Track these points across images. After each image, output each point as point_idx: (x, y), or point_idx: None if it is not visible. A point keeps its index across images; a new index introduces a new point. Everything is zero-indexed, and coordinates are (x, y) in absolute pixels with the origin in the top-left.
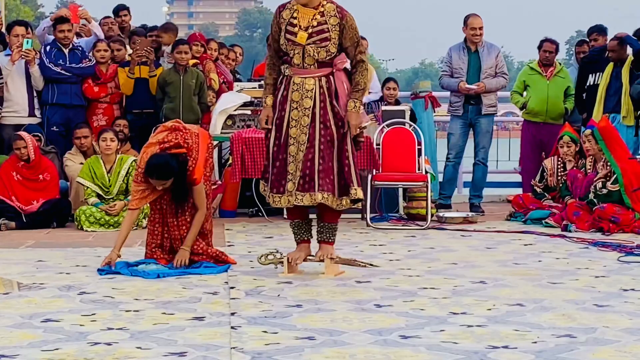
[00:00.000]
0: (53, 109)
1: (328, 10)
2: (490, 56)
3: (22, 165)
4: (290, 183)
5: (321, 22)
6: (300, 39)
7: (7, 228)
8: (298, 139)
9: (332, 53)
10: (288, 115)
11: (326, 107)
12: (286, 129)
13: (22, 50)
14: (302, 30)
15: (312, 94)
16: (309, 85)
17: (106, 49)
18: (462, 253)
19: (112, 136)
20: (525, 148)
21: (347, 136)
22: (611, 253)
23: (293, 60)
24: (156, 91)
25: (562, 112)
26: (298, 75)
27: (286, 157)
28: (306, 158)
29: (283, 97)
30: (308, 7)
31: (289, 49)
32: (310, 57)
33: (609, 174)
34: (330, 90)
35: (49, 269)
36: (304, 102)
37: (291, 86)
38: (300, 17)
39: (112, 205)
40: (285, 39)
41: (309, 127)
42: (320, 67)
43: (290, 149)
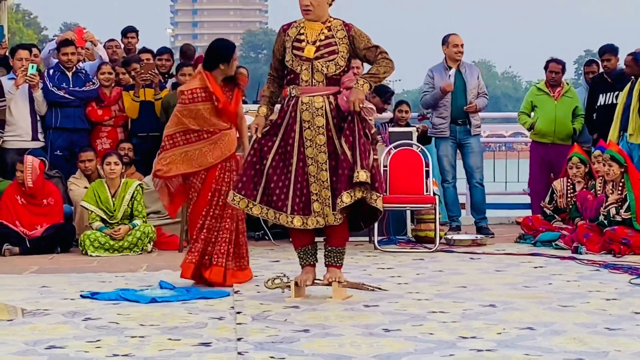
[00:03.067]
0: (57, 132)
1: (335, 25)
2: (473, 76)
3: (25, 190)
4: (317, 203)
5: (328, 35)
6: (307, 52)
7: (11, 253)
8: (317, 158)
9: (341, 67)
10: (299, 136)
11: (339, 123)
12: (299, 149)
13: (26, 74)
14: (309, 45)
15: (323, 112)
16: (318, 103)
17: (110, 71)
18: (472, 276)
19: (116, 160)
20: (534, 169)
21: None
22: (622, 275)
23: (301, 77)
24: (160, 114)
25: (570, 132)
26: (306, 94)
27: (306, 178)
28: (332, 176)
29: (292, 117)
30: (315, 23)
31: (296, 66)
32: (319, 72)
33: (620, 199)
34: (338, 106)
35: (53, 295)
36: (315, 120)
37: (299, 106)
38: (307, 32)
39: (116, 230)
40: (292, 55)
41: (327, 146)
42: (328, 85)
43: (309, 169)
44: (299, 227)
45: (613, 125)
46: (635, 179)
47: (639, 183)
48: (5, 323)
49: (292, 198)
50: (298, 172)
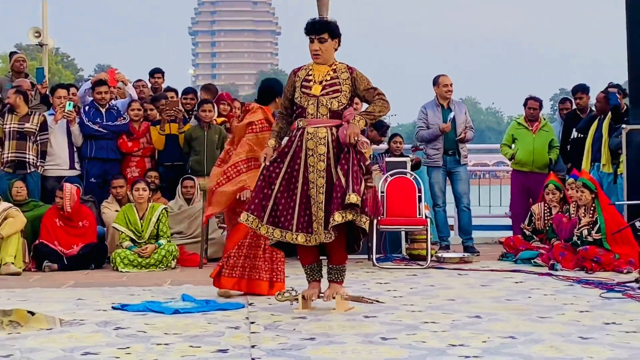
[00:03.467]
0: (91, 162)
1: (339, 68)
2: (461, 112)
3: (63, 214)
4: (315, 223)
5: (333, 76)
6: (314, 90)
7: (50, 269)
8: (316, 182)
9: (343, 104)
10: (304, 162)
11: (339, 152)
12: (303, 174)
13: (64, 111)
14: (316, 84)
15: (325, 141)
16: (321, 133)
17: (139, 108)
18: (459, 290)
19: (144, 186)
20: (515, 195)
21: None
22: (594, 290)
23: (307, 111)
24: (183, 145)
25: (547, 162)
26: (311, 125)
27: (308, 200)
28: (326, 199)
29: (298, 146)
30: (322, 66)
31: (304, 101)
32: (324, 106)
33: (591, 222)
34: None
35: (88, 307)
36: (318, 149)
37: (305, 135)
38: (315, 73)
39: (144, 248)
40: (300, 92)
41: (325, 172)
42: (331, 118)
43: (311, 192)
44: (302, 243)
45: (585, 156)
46: (605, 204)
47: (608, 208)
48: (45, 332)
49: (297, 217)
50: (302, 194)
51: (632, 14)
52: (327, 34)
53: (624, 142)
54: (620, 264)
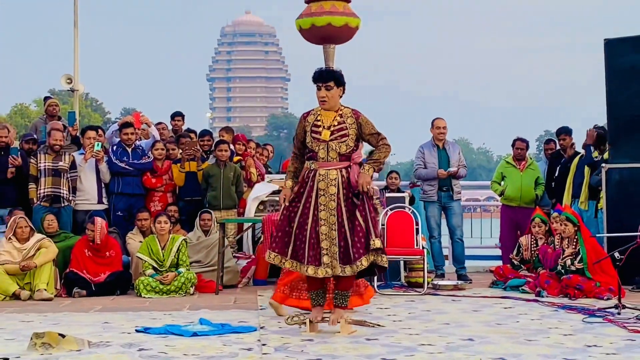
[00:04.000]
0: (118, 197)
1: (345, 113)
2: (455, 152)
3: (92, 244)
4: (326, 257)
5: (340, 122)
6: (324, 136)
7: (79, 295)
8: (329, 220)
9: (350, 147)
10: (315, 201)
11: (348, 193)
12: (313, 212)
13: (93, 151)
14: (325, 129)
15: (336, 182)
16: (332, 175)
17: (163, 148)
18: (454, 315)
19: (165, 219)
20: (504, 227)
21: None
22: (577, 315)
23: (318, 155)
24: (202, 182)
25: (533, 198)
26: (323, 167)
27: (317, 235)
28: (340, 236)
29: (310, 186)
30: (329, 111)
31: (315, 146)
32: (333, 150)
33: (574, 252)
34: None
35: (114, 330)
36: (329, 189)
37: (317, 177)
38: (323, 119)
39: (165, 276)
40: (311, 138)
41: (336, 210)
42: (341, 160)
43: (322, 229)
44: (311, 275)
45: (566, 193)
46: (586, 236)
47: (589, 239)
48: (75, 352)
49: (307, 251)
50: (312, 230)
51: (610, 62)
52: (333, 82)
53: (604, 180)
54: (601, 291)
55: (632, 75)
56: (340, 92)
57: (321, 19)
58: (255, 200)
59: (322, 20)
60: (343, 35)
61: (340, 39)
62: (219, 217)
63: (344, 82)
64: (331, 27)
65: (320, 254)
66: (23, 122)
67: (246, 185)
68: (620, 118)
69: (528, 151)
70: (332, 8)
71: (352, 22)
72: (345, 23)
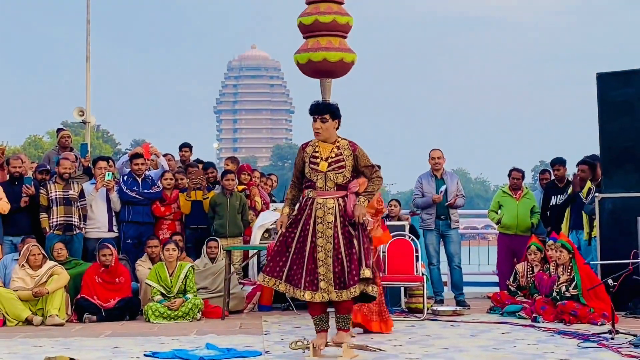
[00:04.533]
0: (128, 225)
1: (342, 145)
2: (453, 182)
3: (102, 271)
4: (323, 282)
5: (338, 154)
6: (322, 167)
7: (90, 321)
8: (325, 247)
9: (347, 177)
10: (313, 229)
11: (345, 220)
12: (311, 239)
13: (104, 180)
14: (323, 161)
15: (333, 211)
16: (329, 204)
17: (172, 178)
18: (452, 340)
19: (173, 247)
20: (501, 255)
21: (358, 231)
22: (572, 340)
23: (316, 185)
24: (208, 210)
25: (529, 226)
26: (320, 196)
27: (314, 261)
28: (335, 262)
29: (308, 214)
30: (327, 143)
31: (313, 176)
32: (331, 180)
33: (569, 279)
34: (345, 207)
35: (123, 354)
36: (326, 217)
37: (315, 205)
38: (321, 151)
39: (173, 302)
40: (309, 168)
41: (333, 238)
42: (338, 190)
43: (319, 255)
44: (308, 300)
45: (564, 223)
46: (581, 263)
47: (583, 267)
48: None
49: (304, 277)
50: (309, 257)
51: (602, 95)
52: (328, 115)
53: (597, 209)
54: (595, 317)
55: (623, 108)
56: (335, 125)
57: (317, 54)
58: (260, 228)
59: (318, 56)
60: (339, 70)
61: (336, 73)
62: (225, 245)
63: (339, 115)
64: (327, 62)
65: (317, 280)
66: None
67: (252, 213)
68: (612, 149)
69: (524, 181)
70: (328, 44)
71: (347, 57)
72: (340, 58)
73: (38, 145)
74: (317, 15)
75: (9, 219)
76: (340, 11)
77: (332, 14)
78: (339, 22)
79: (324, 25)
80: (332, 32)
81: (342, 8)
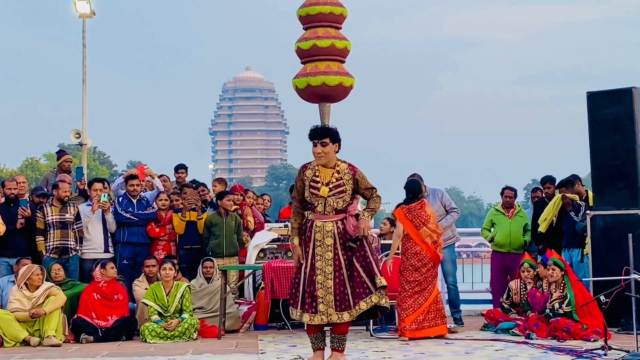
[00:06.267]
0: (124, 246)
1: (342, 169)
2: (435, 200)
3: (101, 285)
4: (322, 305)
5: (338, 178)
6: (323, 192)
7: (87, 341)
8: (324, 269)
9: (346, 202)
10: (312, 251)
11: (344, 243)
12: (311, 261)
13: (100, 202)
14: (324, 186)
15: (332, 234)
16: (328, 227)
17: (167, 199)
18: (447, 357)
19: (170, 266)
20: (494, 272)
21: (363, 245)
22: (565, 356)
23: (316, 209)
24: (203, 231)
25: (522, 244)
26: (319, 219)
27: (312, 284)
28: (335, 285)
29: (307, 237)
30: (327, 167)
31: (313, 200)
32: (330, 206)
33: (562, 296)
34: (345, 229)
35: None
36: (325, 240)
37: (314, 228)
38: (321, 175)
39: (169, 323)
40: (310, 193)
41: (333, 260)
42: (337, 214)
43: (318, 278)
44: (307, 322)
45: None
46: (573, 280)
47: (576, 284)
48: None
49: (302, 299)
50: (307, 279)
51: (593, 114)
52: (328, 139)
53: (589, 226)
54: (588, 333)
55: (613, 126)
56: (335, 148)
57: (316, 78)
58: (255, 248)
59: (317, 80)
60: (337, 94)
61: (334, 97)
62: (221, 265)
63: (339, 138)
64: (326, 87)
65: (317, 302)
66: (34, 175)
67: (245, 234)
68: (603, 167)
69: (516, 199)
70: (327, 68)
71: (346, 81)
72: (339, 82)
73: (35, 168)
74: (315, 40)
75: (4, 241)
76: (338, 36)
77: (330, 38)
78: (337, 46)
79: (323, 50)
80: (331, 57)
81: (340, 33)
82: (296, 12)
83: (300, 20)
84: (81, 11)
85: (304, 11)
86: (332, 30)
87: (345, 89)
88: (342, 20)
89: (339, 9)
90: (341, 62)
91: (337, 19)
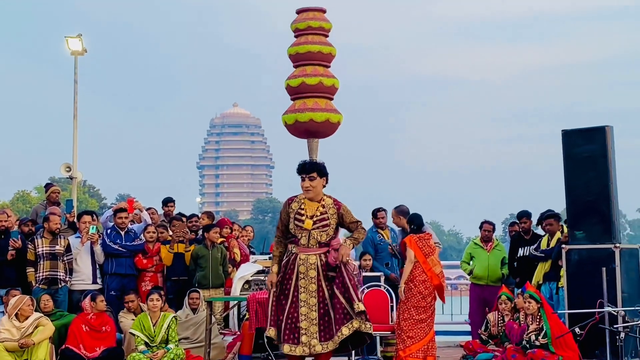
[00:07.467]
0: (112, 277)
1: (327, 203)
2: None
3: (90, 318)
4: (305, 336)
5: (323, 212)
6: (307, 225)
7: None
8: (308, 301)
9: (330, 235)
10: (295, 284)
11: (326, 275)
12: (294, 294)
13: (88, 234)
14: (308, 219)
15: (315, 266)
16: (311, 259)
17: (154, 231)
18: None
19: (157, 297)
20: (473, 304)
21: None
22: None
23: (300, 241)
24: (189, 263)
25: (500, 276)
26: (303, 252)
27: (297, 316)
28: (320, 316)
29: (290, 269)
30: (312, 201)
31: (297, 233)
32: (314, 239)
33: (538, 328)
34: (327, 261)
35: None
36: (309, 272)
37: (297, 261)
38: (306, 208)
39: (155, 353)
40: (294, 225)
41: (317, 292)
42: (320, 247)
43: (301, 310)
44: (287, 352)
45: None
46: (549, 312)
47: (551, 316)
48: None
49: (284, 330)
50: (290, 310)
51: (568, 151)
52: (315, 173)
53: (564, 260)
54: None
55: (587, 163)
56: (323, 182)
57: (304, 115)
58: (240, 280)
59: (305, 117)
60: (325, 130)
61: (322, 133)
62: (206, 296)
63: (326, 173)
64: (313, 123)
65: (299, 334)
66: (25, 207)
67: (230, 265)
68: (578, 202)
69: (495, 233)
70: (315, 105)
71: (333, 117)
72: (326, 119)
73: (26, 200)
74: (304, 78)
75: None
76: (326, 73)
77: (318, 76)
78: (325, 84)
79: (311, 87)
80: (319, 94)
81: (328, 70)
82: (287, 51)
83: (290, 58)
84: (73, 48)
85: (294, 50)
86: (320, 68)
87: (332, 125)
88: (331, 59)
89: (327, 48)
90: (329, 99)
91: (325, 58)
